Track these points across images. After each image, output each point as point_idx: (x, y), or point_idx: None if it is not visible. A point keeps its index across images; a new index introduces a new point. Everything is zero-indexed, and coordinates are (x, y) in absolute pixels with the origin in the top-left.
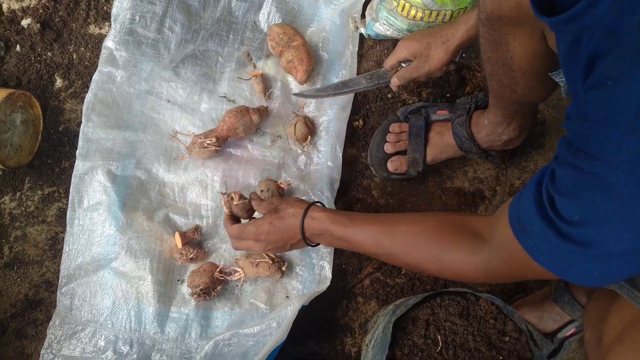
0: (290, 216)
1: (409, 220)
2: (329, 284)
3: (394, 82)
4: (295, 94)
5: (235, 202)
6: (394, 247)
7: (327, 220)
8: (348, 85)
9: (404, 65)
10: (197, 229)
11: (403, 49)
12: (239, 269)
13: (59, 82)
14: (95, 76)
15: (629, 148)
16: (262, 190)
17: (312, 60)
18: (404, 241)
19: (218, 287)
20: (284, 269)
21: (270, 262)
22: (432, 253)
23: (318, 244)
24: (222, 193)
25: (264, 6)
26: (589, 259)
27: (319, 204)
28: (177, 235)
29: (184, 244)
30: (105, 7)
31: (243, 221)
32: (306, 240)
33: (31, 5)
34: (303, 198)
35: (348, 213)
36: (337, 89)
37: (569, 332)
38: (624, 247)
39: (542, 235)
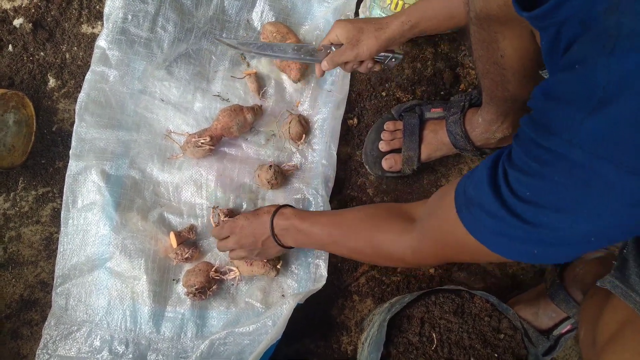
0: (263, 213)
1: (354, 210)
2: (324, 282)
3: (323, 65)
4: (216, 39)
5: (222, 218)
6: (339, 235)
7: (292, 216)
8: (273, 49)
9: (334, 49)
10: (192, 228)
11: (336, 30)
12: (234, 268)
13: (51, 82)
14: (88, 76)
15: (590, 127)
16: (268, 181)
17: None
18: (346, 227)
19: (213, 287)
20: (279, 267)
21: (265, 260)
22: (367, 235)
23: (288, 247)
24: (212, 208)
25: (257, 4)
26: (533, 238)
27: (291, 206)
28: (172, 234)
29: (179, 244)
30: (97, 7)
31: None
32: (274, 237)
33: (23, 5)
34: (297, 196)
35: (314, 212)
36: (260, 49)
37: (565, 329)
38: (574, 230)
39: (490, 208)
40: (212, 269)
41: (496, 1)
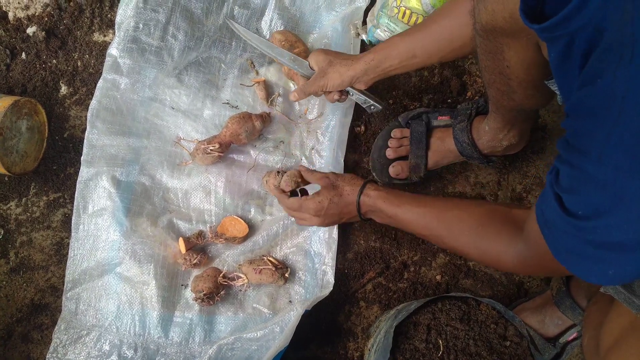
0: (347, 193)
1: (456, 206)
2: (331, 288)
3: (293, 96)
4: (227, 19)
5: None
6: (440, 230)
7: (379, 199)
8: (273, 50)
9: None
10: (200, 234)
11: (312, 56)
12: (242, 275)
13: (63, 89)
14: (100, 83)
15: (615, 141)
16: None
17: None
18: (450, 226)
19: (221, 292)
20: (287, 275)
21: (274, 269)
22: (473, 240)
23: (370, 219)
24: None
25: (266, 13)
26: (601, 254)
27: (373, 182)
28: (180, 240)
29: (187, 250)
30: (109, 15)
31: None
32: (361, 216)
33: (36, 14)
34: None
35: (400, 193)
36: (261, 44)
37: (571, 337)
38: (628, 238)
39: (562, 228)
40: (220, 275)
41: (502, 14)
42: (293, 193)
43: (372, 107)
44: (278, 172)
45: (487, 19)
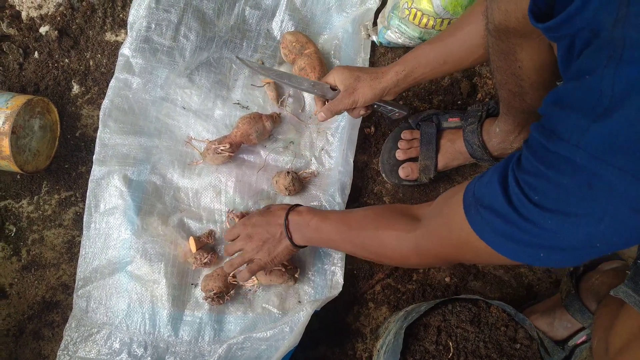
0: (277, 209)
1: (363, 208)
2: (340, 289)
3: (320, 117)
4: (237, 57)
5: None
6: (346, 231)
7: (305, 212)
8: (291, 80)
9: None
10: (211, 233)
11: (335, 75)
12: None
13: (75, 89)
14: (112, 83)
15: (597, 133)
16: (285, 187)
17: (324, 68)
18: (353, 223)
19: (231, 292)
20: (296, 275)
21: (284, 269)
22: (372, 232)
23: (299, 246)
24: (228, 212)
25: (277, 14)
26: (539, 241)
27: (300, 205)
28: (191, 239)
29: (198, 249)
30: (121, 15)
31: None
32: (288, 233)
33: (49, 13)
34: (314, 203)
35: (318, 210)
36: (279, 77)
37: (580, 340)
38: (577, 234)
39: (499, 210)
40: (230, 274)
41: (515, 14)
42: None
43: (397, 114)
44: (288, 172)
45: (500, 19)
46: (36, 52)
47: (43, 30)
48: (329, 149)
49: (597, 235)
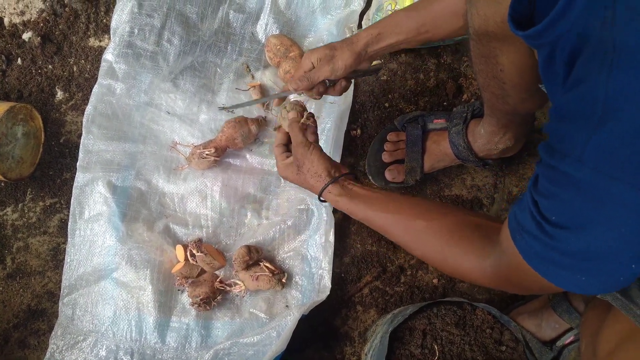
0: (311, 185)
1: (425, 214)
2: (328, 293)
3: (294, 84)
4: (220, 108)
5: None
6: (406, 239)
7: (343, 201)
8: (270, 97)
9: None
10: (198, 242)
11: (307, 60)
12: (239, 282)
13: (59, 95)
14: (95, 89)
15: (595, 144)
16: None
17: None
18: (416, 235)
19: (218, 297)
20: (284, 280)
21: (270, 274)
22: (442, 252)
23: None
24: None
25: (261, 17)
26: (573, 262)
27: (346, 176)
28: (178, 248)
29: (185, 259)
30: (104, 20)
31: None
32: (321, 200)
33: (32, 19)
34: (301, 207)
35: (364, 195)
36: (268, 97)
37: (568, 340)
38: (603, 247)
39: (534, 232)
40: (217, 280)
41: (493, 19)
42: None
43: (376, 72)
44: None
45: (480, 24)
46: (19, 59)
47: (26, 36)
48: None
49: (622, 247)
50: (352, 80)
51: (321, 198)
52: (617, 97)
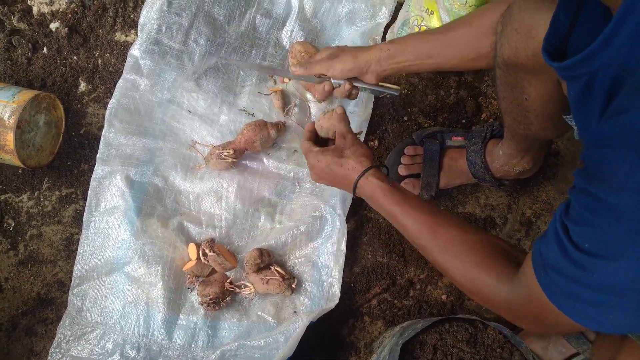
0: (349, 168)
1: (456, 226)
2: (337, 301)
3: (292, 69)
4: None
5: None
6: (432, 244)
7: (379, 189)
8: (275, 71)
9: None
10: (211, 242)
11: (320, 52)
12: (249, 284)
13: (82, 86)
14: (120, 83)
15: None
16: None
17: None
18: (443, 243)
19: (227, 298)
20: (293, 286)
21: (281, 279)
22: (464, 265)
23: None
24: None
25: (287, 24)
26: (601, 297)
27: (383, 169)
28: (191, 246)
29: (197, 257)
30: (132, 16)
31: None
32: (355, 196)
33: (60, 10)
34: (315, 213)
35: (402, 190)
36: (262, 69)
37: None
38: (634, 284)
39: (558, 265)
40: (227, 281)
41: (525, 52)
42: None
43: (388, 95)
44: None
45: (510, 55)
46: (45, 48)
47: (53, 26)
48: None
49: None
50: (372, 95)
51: (358, 185)
52: None
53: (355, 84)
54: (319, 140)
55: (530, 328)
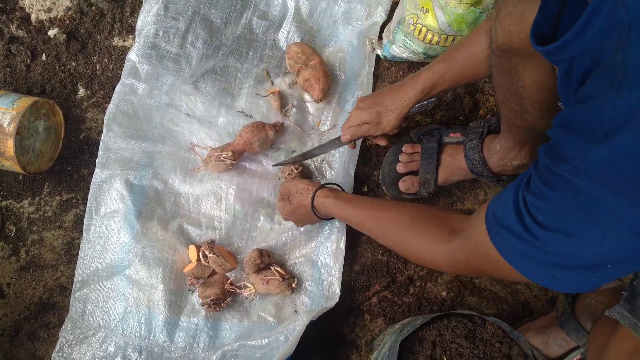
0: (302, 204)
1: (392, 208)
2: (337, 300)
3: (344, 138)
4: (273, 165)
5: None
6: (378, 230)
7: (329, 206)
8: (312, 153)
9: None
10: (211, 244)
11: (355, 120)
12: (249, 285)
13: (81, 92)
14: (118, 87)
15: (597, 156)
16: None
17: (329, 80)
18: (386, 226)
19: (228, 299)
20: (294, 285)
21: (281, 279)
22: (403, 237)
23: (328, 219)
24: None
25: (283, 25)
26: (551, 260)
27: (328, 186)
28: (191, 248)
29: (198, 259)
30: (129, 21)
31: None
32: (323, 218)
33: (58, 16)
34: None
35: (347, 196)
36: (304, 157)
37: (575, 359)
38: (583, 255)
39: (514, 229)
40: (228, 282)
41: (518, 35)
42: None
43: (430, 104)
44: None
45: (504, 40)
46: (44, 55)
47: (52, 33)
48: (330, 160)
49: (604, 254)
50: None
51: (315, 209)
52: (624, 115)
53: None
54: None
55: (474, 275)
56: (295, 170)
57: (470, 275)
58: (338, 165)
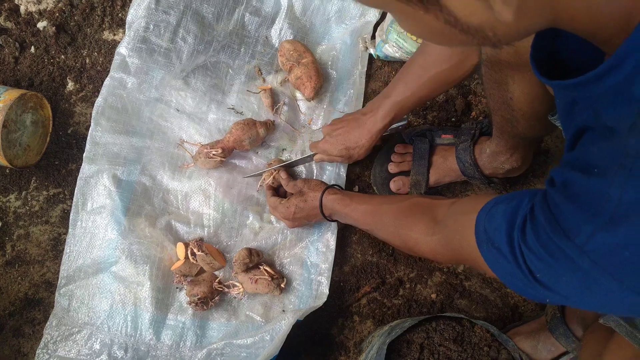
0: (312, 199)
1: (389, 202)
2: (325, 299)
3: (317, 157)
4: (245, 176)
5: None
6: (375, 223)
7: (335, 202)
8: (286, 165)
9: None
10: (199, 242)
11: (325, 154)
12: (238, 284)
13: (70, 85)
14: (107, 81)
15: (600, 242)
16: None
17: (321, 78)
18: (380, 218)
19: (216, 298)
20: (282, 285)
21: (270, 279)
22: (396, 229)
23: (337, 220)
24: (268, 165)
25: (276, 22)
26: (546, 294)
27: (335, 187)
28: (179, 245)
29: (186, 257)
30: (120, 14)
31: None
32: (327, 218)
33: (48, 9)
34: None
35: (352, 194)
36: (289, 165)
37: None
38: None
39: (509, 259)
40: (216, 281)
41: (506, 48)
42: (277, 190)
43: (400, 127)
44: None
45: (491, 52)
46: (32, 47)
47: (41, 25)
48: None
49: (600, 308)
50: (361, 95)
51: (323, 205)
52: (632, 204)
53: None
54: (278, 193)
55: (455, 264)
56: (280, 175)
57: (454, 263)
58: (330, 166)
